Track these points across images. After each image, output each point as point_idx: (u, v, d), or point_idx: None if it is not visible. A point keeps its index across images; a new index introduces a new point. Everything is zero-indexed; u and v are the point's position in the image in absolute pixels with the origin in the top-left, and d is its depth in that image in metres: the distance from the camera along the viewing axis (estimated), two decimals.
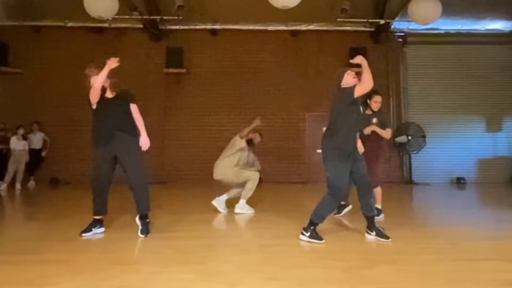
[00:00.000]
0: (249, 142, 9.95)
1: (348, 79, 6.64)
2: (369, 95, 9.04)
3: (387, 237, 6.57)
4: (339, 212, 8.99)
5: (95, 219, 6.96)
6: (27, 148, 16.18)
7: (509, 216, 9.86)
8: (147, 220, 7.05)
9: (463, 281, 4.60)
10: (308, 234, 6.46)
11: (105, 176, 6.85)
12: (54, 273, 4.82)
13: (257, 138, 10.19)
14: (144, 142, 7.08)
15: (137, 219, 7.06)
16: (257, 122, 9.58)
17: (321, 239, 6.40)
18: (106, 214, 7.11)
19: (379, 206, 8.89)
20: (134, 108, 7.25)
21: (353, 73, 6.71)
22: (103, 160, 6.84)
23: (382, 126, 8.88)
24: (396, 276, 4.79)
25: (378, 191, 8.89)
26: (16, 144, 15.83)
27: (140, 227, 6.92)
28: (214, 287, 4.42)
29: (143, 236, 6.77)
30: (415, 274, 4.86)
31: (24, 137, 16.08)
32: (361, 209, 6.79)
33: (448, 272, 4.96)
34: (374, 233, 6.67)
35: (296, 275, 4.84)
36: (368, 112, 9.04)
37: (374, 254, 5.77)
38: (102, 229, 7.06)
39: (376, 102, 8.99)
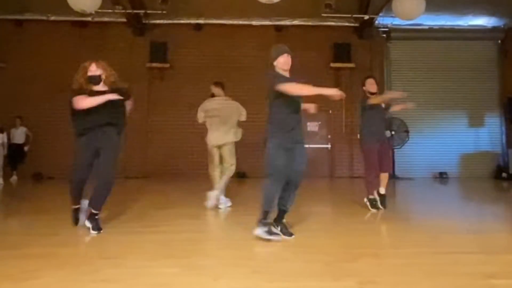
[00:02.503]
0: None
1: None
2: (363, 83, 9.17)
3: (290, 234, 6.35)
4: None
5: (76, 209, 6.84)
6: (6, 141, 16.06)
7: (490, 210, 9.99)
8: (97, 217, 6.78)
9: (444, 274, 4.63)
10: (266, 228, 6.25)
11: (85, 165, 6.70)
12: (36, 267, 4.79)
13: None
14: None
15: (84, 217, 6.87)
16: None
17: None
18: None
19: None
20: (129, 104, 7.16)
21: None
22: (86, 148, 6.68)
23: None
24: (378, 269, 4.82)
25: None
26: None
27: (90, 225, 6.63)
28: (198, 281, 4.41)
29: (95, 232, 6.54)
30: (397, 267, 4.90)
31: (1, 130, 15.92)
32: (280, 200, 6.43)
33: (429, 265, 4.98)
34: (279, 228, 6.40)
35: (279, 268, 4.85)
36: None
37: (356, 248, 5.79)
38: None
39: (372, 84, 9.16)
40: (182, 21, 18.63)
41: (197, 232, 6.97)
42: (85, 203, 6.90)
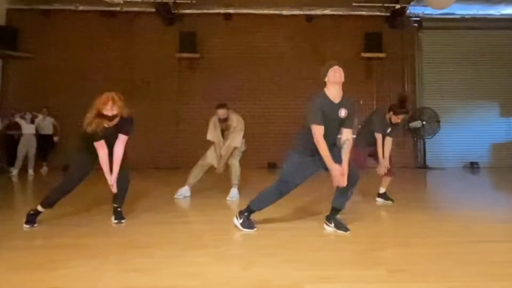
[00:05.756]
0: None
1: (331, 75, 6.03)
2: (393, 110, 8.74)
3: (346, 229, 6.17)
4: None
5: (38, 212, 6.65)
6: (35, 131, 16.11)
7: None
8: (119, 210, 6.92)
9: (474, 263, 4.66)
10: (241, 220, 6.36)
11: (81, 179, 6.64)
12: (67, 257, 4.84)
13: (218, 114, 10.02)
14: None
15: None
16: None
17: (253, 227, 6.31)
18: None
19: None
20: (123, 138, 6.73)
21: (337, 68, 6.04)
22: (86, 163, 6.68)
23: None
24: (408, 258, 4.85)
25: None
26: (26, 128, 15.76)
27: (114, 216, 6.87)
28: (228, 270, 4.45)
29: (117, 221, 6.75)
30: (427, 256, 4.92)
31: (32, 121, 15.96)
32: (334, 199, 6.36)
33: (459, 254, 5.02)
34: (332, 224, 6.31)
35: (309, 257, 4.85)
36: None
37: (386, 237, 5.80)
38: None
39: (396, 118, 8.70)
40: (211, 11, 18.53)
41: (227, 222, 6.96)
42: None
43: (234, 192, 9.44)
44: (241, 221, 6.28)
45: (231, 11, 18.54)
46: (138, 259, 4.80)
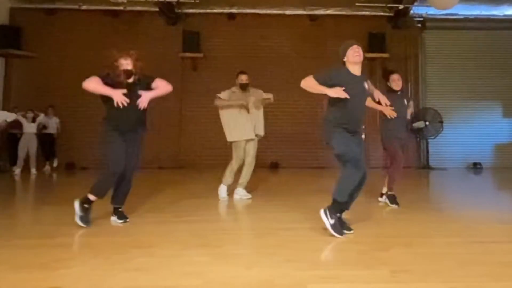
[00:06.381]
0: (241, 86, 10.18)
1: (350, 55, 6.14)
2: (386, 77, 8.81)
3: (349, 229, 5.98)
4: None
5: (90, 201, 6.45)
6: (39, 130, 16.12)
7: None
8: (120, 209, 6.78)
9: (476, 263, 4.64)
10: (333, 221, 5.82)
11: (122, 159, 6.42)
12: (68, 256, 4.84)
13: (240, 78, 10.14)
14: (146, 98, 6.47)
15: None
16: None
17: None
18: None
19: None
20: (159, 82, 6.88)
21: (357, 48, 6.17)
22: (119, 141, 6.44)
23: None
24: (411, 258, 4.82)
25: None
26: (27, 127, 15.78)
27: (116, 216, 6.71)
28: (230, 269, 4.42)
29: (121, 221, 6.61)
30: (429, 256, 4.90)
31: (34, 120, 16.01)
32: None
33: (461, 254, 5.00)
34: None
35: (312, 257, 4.84)
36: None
37: (389, 237, 5.78)
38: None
39: (395, 81, 8.72)
40: (215, 11, 18.58)
41: (230, 221, 6.99)
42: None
43: (240, 191, 9.38)
44: (332, 222, 5.80)
45: (234, 10, 18.59)
46: (140, 258, 4.78)
